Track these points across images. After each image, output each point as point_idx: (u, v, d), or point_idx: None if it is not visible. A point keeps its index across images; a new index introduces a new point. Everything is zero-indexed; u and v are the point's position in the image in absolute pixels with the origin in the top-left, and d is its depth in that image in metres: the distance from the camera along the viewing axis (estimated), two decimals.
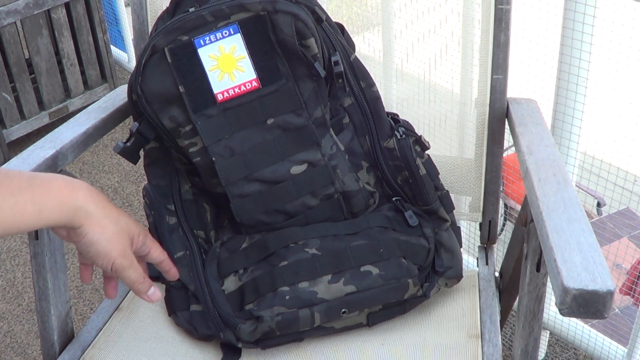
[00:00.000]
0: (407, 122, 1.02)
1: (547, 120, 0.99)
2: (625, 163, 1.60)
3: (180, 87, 0.90)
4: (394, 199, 1.00)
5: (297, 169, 0.94)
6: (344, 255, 0.92)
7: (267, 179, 0.93)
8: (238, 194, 0.94)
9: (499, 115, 1.02)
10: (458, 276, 0.99)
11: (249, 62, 0.90)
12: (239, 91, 0.91)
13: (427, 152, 1.00)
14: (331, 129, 0.96)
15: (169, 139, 0.94)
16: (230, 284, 0.94)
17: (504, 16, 0.98)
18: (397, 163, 0.99)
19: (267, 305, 0.89)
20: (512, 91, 1.03)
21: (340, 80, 0.94)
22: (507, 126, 1.03)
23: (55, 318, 0.96)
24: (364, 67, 0.98)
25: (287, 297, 0.89)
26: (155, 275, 1.01)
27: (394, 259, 0.92)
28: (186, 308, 0.96)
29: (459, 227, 1.02)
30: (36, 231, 0.93)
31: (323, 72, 0.91)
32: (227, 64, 0.90)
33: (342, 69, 0.94)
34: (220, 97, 0.91)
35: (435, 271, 0.96)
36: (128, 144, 0.94)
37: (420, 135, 1.00)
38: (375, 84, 0.99)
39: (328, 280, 0.90)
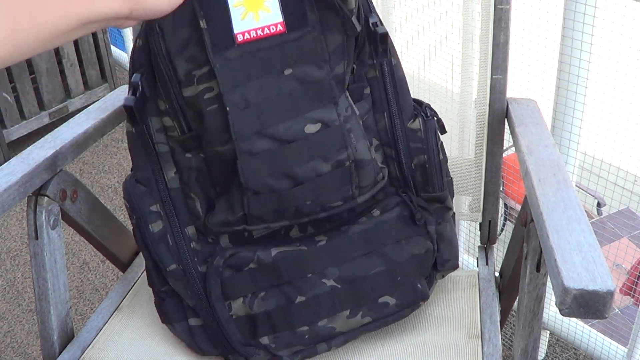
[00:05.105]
0: (429, 105, 0.97)
1: (547, 120, 0.99)
2: (625, 163, 1.60)
3: (201, 22, 0.82)
4: (402, 193, 0.96)
5: (311, 128, 0.86)
6: (362, 288, 0.91)
7: (279, 136, 0.85)
8: (247, 151, 0.85)
9: (499, 115, 1.02)
10: (454, 266, 0.98)
11: (276, 3, 0.83)
12: (261, 34, 0.83)
13: None
14: (347, 92, 0.90)
15: (173, 90, 0.87)
16: (239, 309, 0.91)
17: (504, 16, 0.98)
18: (417, 145, 0.94)
19: (285, 345, 0.90)
20: (512, 91, 1.03)
21: (383, 45, 0.89)
22: (507, 126, 1.03)
23: (55, 318, 0.96)
24: (394, 45, 0.94)
25: (307, 337, 0.90)
26: None
27: (409, 284, 0.93)
28: (183, 319, 0.93)
29: (455, 214, 1.00)
30: (36, 231, 0.93)
31: (359, 26, 0.86)
32: (253, 1, 0.83)
33: (386, 30, 0.88)
34: (240, 38, 0.83)
35: (436, 268, 0.96)
36: (137, 95, 0.87)
37: (440, 119, 0.96)
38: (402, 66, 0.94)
39: (347, 315, 0.90)
